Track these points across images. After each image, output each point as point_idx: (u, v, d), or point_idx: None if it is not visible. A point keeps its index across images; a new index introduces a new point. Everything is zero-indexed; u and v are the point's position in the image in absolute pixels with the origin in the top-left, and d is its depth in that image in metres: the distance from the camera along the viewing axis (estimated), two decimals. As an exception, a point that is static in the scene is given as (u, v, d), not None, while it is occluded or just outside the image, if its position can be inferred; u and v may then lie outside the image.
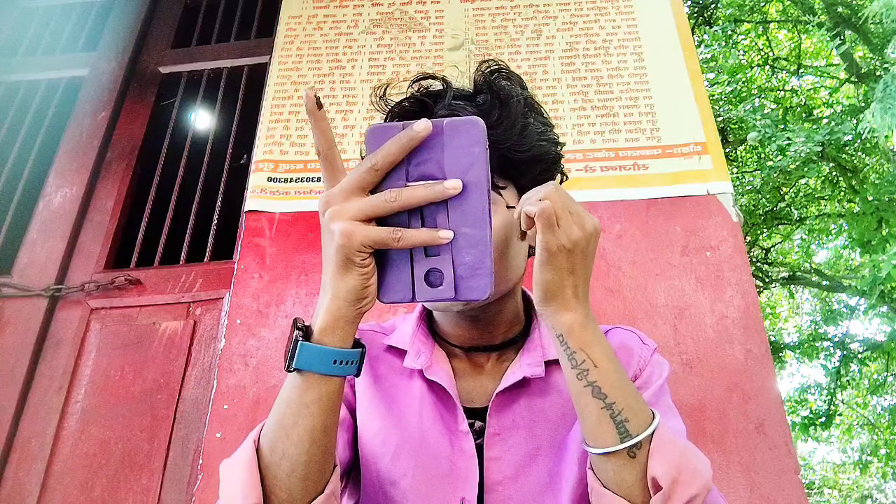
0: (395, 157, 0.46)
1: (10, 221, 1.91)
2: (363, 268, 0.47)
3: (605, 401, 0.55)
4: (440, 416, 0.69)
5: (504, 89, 0.67)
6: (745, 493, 1.23)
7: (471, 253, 0.46)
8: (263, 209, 1.63)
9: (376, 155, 0.46)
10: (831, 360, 7.15)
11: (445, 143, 0.46)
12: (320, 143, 0.50)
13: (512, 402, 0.68)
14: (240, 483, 0.52)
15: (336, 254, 0.46)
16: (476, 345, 0.73)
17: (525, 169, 0.68)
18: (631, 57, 1.77)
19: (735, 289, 1.43)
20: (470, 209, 0.46)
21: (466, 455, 0.67)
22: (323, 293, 0.50)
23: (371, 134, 0.47)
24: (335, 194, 0.48)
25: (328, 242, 0.48)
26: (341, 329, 0.49)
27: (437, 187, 0.45)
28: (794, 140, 4.58)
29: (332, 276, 0.48)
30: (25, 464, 1.50)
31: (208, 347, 1.59)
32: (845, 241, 6.93)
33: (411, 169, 0.46)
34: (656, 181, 1.58)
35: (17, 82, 2.16)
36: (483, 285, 0.46)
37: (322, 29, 1.92)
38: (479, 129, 0.46)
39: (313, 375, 0.50)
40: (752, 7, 6.62)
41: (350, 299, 0.48)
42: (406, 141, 0.45)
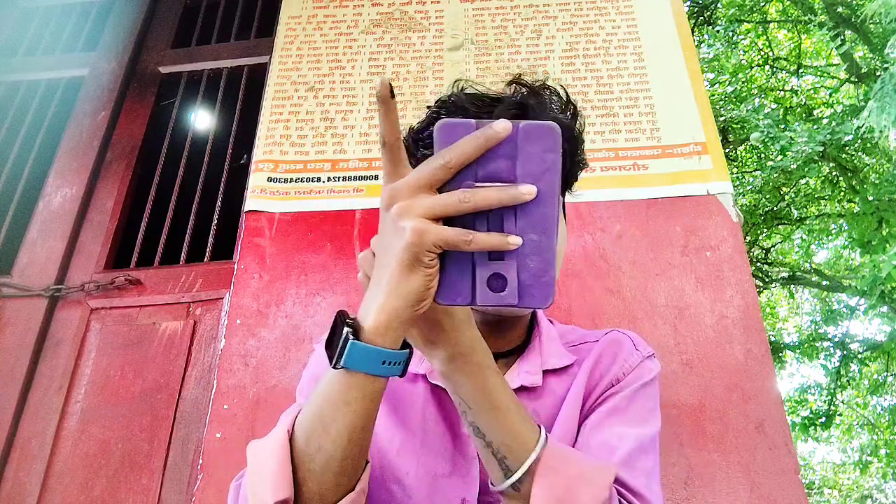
0: (469, 156, 0.43)
1: (10, 221, 1.91)
2: (429, 268, 0.45)
3: (485, 439, 0.55)
4: (443, 419, 0.70)
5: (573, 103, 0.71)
6: (745, 493, 1.23)
7: (536, 260, 0.45)
8: (263, 209, 1.63)
9: (450, 151, 0.43)
10: (831, 360, 7.15)
11: (520, 146, 0.44)
12: (388, 133, 0.47)
13: None
14: (270, 473, 0.51)
15: (404, 252, 0.44)
16: None
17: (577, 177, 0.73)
18: (631, 57, 1.77)
19: (735, 289, 1.43)
20: (539, 216, 0.44)
21: (468, 457, 0.67)
22: (377, 290, 0.47)
23: (442, 129, 0.45)
24: (402, 189, 0.45)
25: (393, 239, 0.45)
26: (394, 330, 0.47)
27: (511, 191, 0.43)
28: (797, 140, 4.58)
29: (394, 275, 0.45)
30: (25, 464, 1.49)
31: (208, 347, 1.59)
32: (845, 241, 6.94)
33: (481, 169, 0.44)
34: (656, 181, 1.58)
35: (17, 82, 2.16)
36: (546, 294, 0.45)
37: (322, 29, 1.92)
38: (556, 136, 0.44)
39: (359, 374, 0.48)
40: (752, 7, 6.62)
41: (410, 300, 0.45)
42: (483, 140, 0.43)
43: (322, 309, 1.50)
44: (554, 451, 0.55)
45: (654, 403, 0.70)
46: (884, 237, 5.05)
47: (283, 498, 0.50)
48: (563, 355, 0.74)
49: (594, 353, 0.74)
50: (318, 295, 1.52)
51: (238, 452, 1.34)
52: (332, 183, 1.66)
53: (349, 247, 1.57)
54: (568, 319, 1.40)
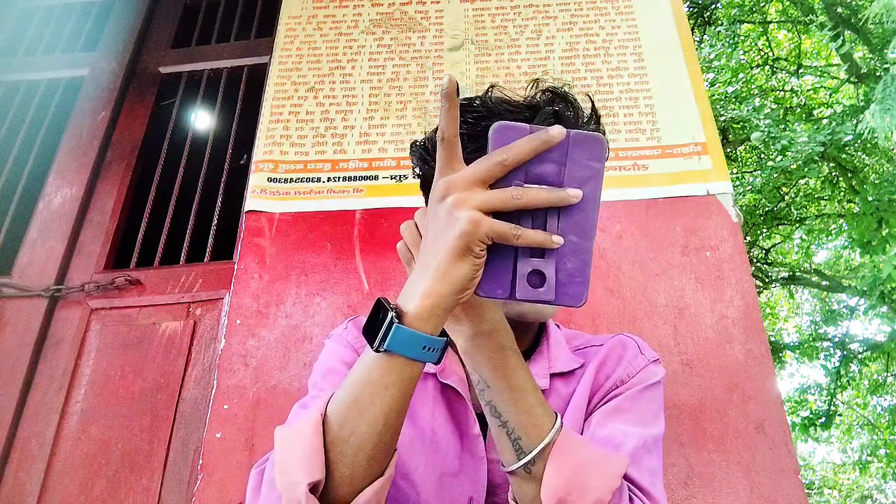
0: (525, 156, 0.46)
1: (10, 221, 1.91)
2: (478, 258, 0.47)
3: (500, 419, 0.56)
4: (452, 418, 0.71)
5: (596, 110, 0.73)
6: (745, 493, 1.23)
7: (574, 261, 0.47)
8: (263, 209, 1.63)
9: (508, 150, 0.46)
10: (831, 360, 7.15)
11: (569, 152, 0.47)
12: (449, 129, 0.49)
13: None
14: (302, 456, 0.52)
15: (457, 240, 0.46)
16: None
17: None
18: (631, 57, 1.77)
19: (735, 289, 1.43)
20: (580, 219, 0.47)
21: (476, 457, 0.68)
22: (422, 278, 0.49)
23: (498, 131, 0.48)
24: (457, 182, 0.47)
25: (447, 227, 0.47)
26: (437, 316, 0.49)
27: (560, 193, 0.46)
28: (797, 140, 4.58)
29: (443, 262, 0.47)
30: (25, 464, 1.49)
31: (208, 348, 1.59)
32: (845, 242, 6.93)
33: (530, 170, 0.47)
34: (656, 181, 1.58)
35: (17, 82, 2.16)
36: (580, 293, 0.48)
37: (322, 29, 1.92)
38: (602, 147, 0.48)
39: (399, 358, 0.50)
40: (752, 7, 6.62)
41: (457, 288, 0.48)
42: (539, 143, 0.46)
43: (322, 309, 1.50)
44: (568, 436, 0.56)
45: (659, 406, 0.71)
46: (884, 237, 5.05)
47: (316, 480, 0.50)
48: (570, 359, 0.75)
49: (599, 355, 0.75)
50: (318, 295, 1.52)
51: (238, 452, 1.34)
52: (332, 183, 1.66)
53: (349, 247, 1.57)
54: (568, 319, 1.40)
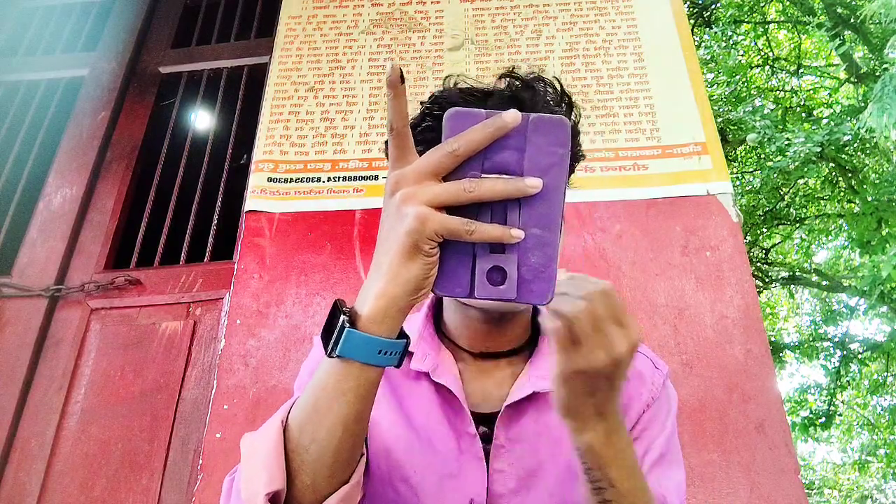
0: (477, 144, 0.43)
1: (10, 221, 1.91)
2: (429, 256, 0.44)
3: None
4: (447, 419, 0.69)
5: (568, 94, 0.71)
6: (745, 493, 1.23)
7: (537, 255, 0.44)
8: (263, 209, 1.63)
9: (458, 140, 0.43)
10: (831, 360, 7.16)
11: (529, 138, 0.43)
12: (397, 119, 0.46)
13: (520, 415, 0.68)
14: (263, 465, 0.50)
15: (405, 238, 0.43)
16: (485, 350, 0.72)
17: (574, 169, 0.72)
18: (631, 57, 1.77)
19: (735, 289, 1.43)
20: (543, 211, 0.44)
21: (475, 457, 0.67)
22: (376, 277, 0.46)
23: (453, 118, 0.44)
24: (408, 175, 0.44)
25: (395, 225, 0.44)
26: (392, 318, 0.46)
27: (517, 183, 0.42)
28: (794, 141, 4.58)
29: (393, 261, 0.44)
30: (25, 464, 1.49)
31: (208, 348, 1.59)
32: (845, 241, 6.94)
33: (487, 159, 0.44)
34: (656, 181, 1.58)
35: (17, 82, 2.16)
36: (545, 290, 0.44)
37: (322, 29, 1.92)
38: (565, 130, 0.44)
39: (355, 363, 0.47)
40: (751, 7, 6.62)
41: (409, 288, 0.45)
42: (493, 130, 0.42)
43: (322, 309, 1.50)
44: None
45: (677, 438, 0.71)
46: (883, 237, 5.05)
47: (276, 489, 0.49)
48: None
49: None
50: (318, 295, 1.52)
51: (238, 452, 1.34)
52: (332, 183, 1.66)
53: (349, 247, 1.57)
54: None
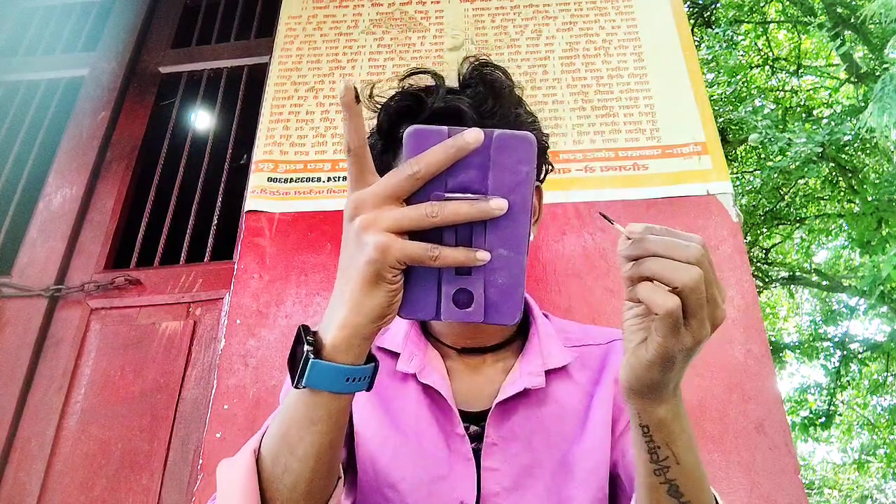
0: (439, 166, 0.41)
1: (10, 221, 1.91)
2: (392, 284, 0.42)
3: (681, 500, 0.51)
4: (436, 420, 0.68)
5: (496, 80, 0.68)
6: (745, 493, 1.23)
7: (504, 276, 0.43)
8: (263, 209, 1.63)
9: (419, 161, 0.41)
10: (831, 360, 7.15)
11: (493, 156, 0.42)
12: (353, 139, 0.45)
13: (511, 412, 0.67)
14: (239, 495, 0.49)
15: (366, 267, 0.42)
16: (471, 346, 0.71)
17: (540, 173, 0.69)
18: (631, 57, 1.77)
19: (735, 289, 1.43)
20: (509, 230, 0.42)
21: (463, 458, 0.66)
22: (338, 305, 0.45)
23: (412, 137, 0.42)
24: (366, 200, 0.43)
25: (355, 253, 0.43)
26: (357, 346, 0.45)
27: (482, 206, 0.41)
28: (795, 141, 4.58)
29: (355, 291, 0.43)
30: (25, 464, 1.49)
31: (208, 347, 1.59)
32: (845, 241, 6.93)
33: (450, 179, 0.42)
34: (656, 181, 1.58)
35: (17, 82, 2.16)
36: (512, 311, 0.43)
37: (322, 29, 1.92)
38: (531, 148, 0.42)
39: (323, 393, 0.46)
40: (751, 7, 6.62)
41: (372, 317, 0.43)
42: (454, 151, 0.41)
43: (322, 309, 1.49)
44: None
45: None
46: (883, 237, 5.05)
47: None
48: (563, 354, 0.73)
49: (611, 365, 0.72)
50: (318, 295, 1.52)
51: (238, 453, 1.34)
52: (332, 183, 1.66)
53: (349, 247, 1.57)
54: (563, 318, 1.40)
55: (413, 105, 0.67)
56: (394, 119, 0.68)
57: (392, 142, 0.69)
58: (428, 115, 0.65)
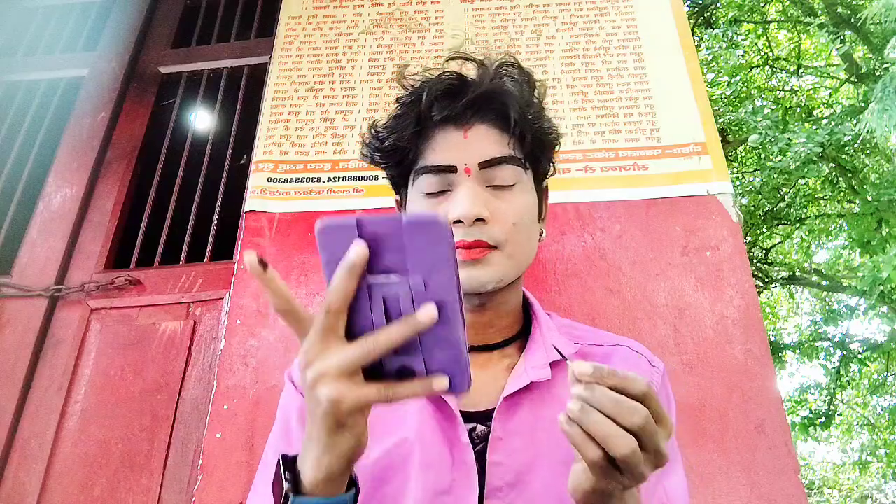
0: (347, 292, 0.43)
1: (10, 221, 1.91)
2: (355, 428, 0.45)
3: None
4: (440, 428, 0.67)
5: (531, 73, 0.70)
6: (745, 492, 1.23)
7: (443, 352, 0.44)
8: (263, 209, 1.63)
9: (329, 297, 0.43)
10: (831, 360, 7.16)
11: (406, 242, 0.43)
12: (276, 303, 0.47)
13: (517, 406, 0.67)
14: None
15: (325, 419, 0.44)
16: (476, 343, 0.71)
17: (546, 152, 0.70)
18: (631, 57, 1.77)
19: (735, 289, 1.43)
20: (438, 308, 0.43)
21: (467, 466, 0.65)
22: (310, 446, 0.46)
23: (322, 234, 0.44)
24: (310, 350, 0.44)
25: (313, 406, 0.44)
26: (334, 481, 0.46)
27: (412, 323, 0.42)
28: (795, 141, 4.58)
29: (322, 437, 0.45)
30: (25, 464, 1.49)
31: (208, 347, 1.59)
32: (845, 242, 6.93)
33: (375, 265, 0.43)
34: (656, 181, 1.58)
35: (17, 82, 2.16)
36: (460, 382, 0.44)
37: (322, 29, 1.92)
38: (441, 229, 0.43)
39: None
40: (752, 7, 6.62)
41: (343, 458, 0.45)
42: (348, 274, 0.42)
43: (322, 309, 1.49)
44: None
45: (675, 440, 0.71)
46: (883, 237, 5.05)
47: None
48: (566, 345, 0.73)
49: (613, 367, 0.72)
50: (319, 295, 1.52)
51: (238, 452, 1.34)
52: (332, 183, 1.66)
53: (349, 247, 1.57)
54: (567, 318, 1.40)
55: (458, 85, 0.68)
56: (437, 97, 0.68)
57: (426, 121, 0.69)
58: (473, 97, 0.66)
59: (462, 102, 0.66)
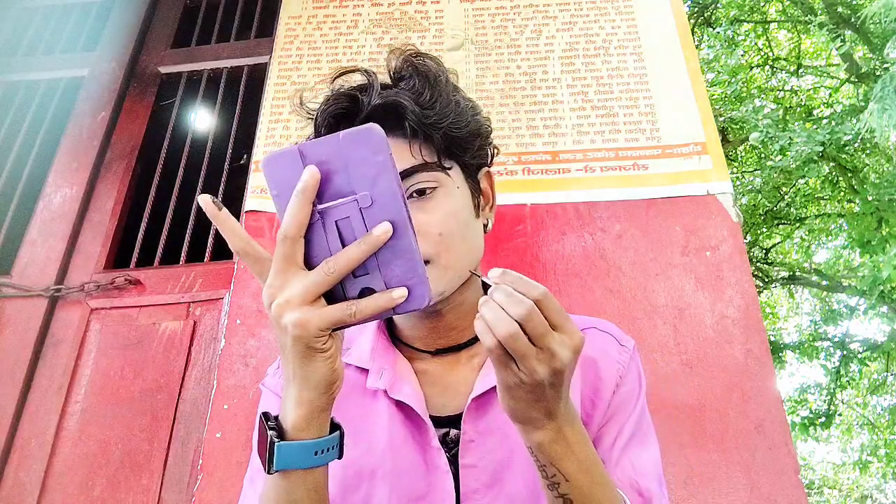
0: (301, 217, 0.45)
1: (10, 221, 1.91)
2: (326, 351, 0.46)
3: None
4: (410, 435, 0.66)
5: (430, 69, 0.67)
6: (745, 493, 1.23)
7: (399, 264, 0.45)
8: (263, 209, 1.63)
9: (285, 224, 0.45)
10: (831, 360, 7.15)
11: (347, 157, 0.44)
12: (234, 242, 0.48)
13: (487, 405, 0.66)
14: None
15: (294, 345, 0.45)
16: (444, 346, 0.70)
17: (467, 145, 0.67)
18: (631, 57, 1.77)
19: (735, 289, 1.43)
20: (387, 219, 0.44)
21: (441, 471, 0.64)
22: (289, 386, 0.48)
23: (268, 166, 0.46)
24: (272, 283, 0.46)
25: (282, 336, 0.46)
26: (317, 419, 0.47)
27: (369, 241, 0.44)
28: (796, 140, 4.58)
29: (296, 368, 0.46)
30: (25, 464, 1.49)
31: (208, 347, 1.59)
32: (845, 242, 6.93)
33: (322, 191, 0.45)
34: (656, 181, 1.58)
35: (17, 82, 2.16)
36: (420, 294, 0.45)
37: (322, 29, 1.92)
38: (378, 137, 0.44)
39: (297, 472, 0.48)
40: (752, 7, 6.62)
41: (321, 388, 0.46)
42: (303, 198, 0.44)
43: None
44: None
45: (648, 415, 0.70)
46: (883, 237, 5.05)
47: None
48: None
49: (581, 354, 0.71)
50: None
51: (238, 452, 1.34)
52: (332, 183, 1.66)
53: (349, 247, 1.57)
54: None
55: (350, 106, 0.65)
56: (331, 123, 0.66)
57: None
58: (367, 114, 0.63)
59: (357, 122, 0.63)
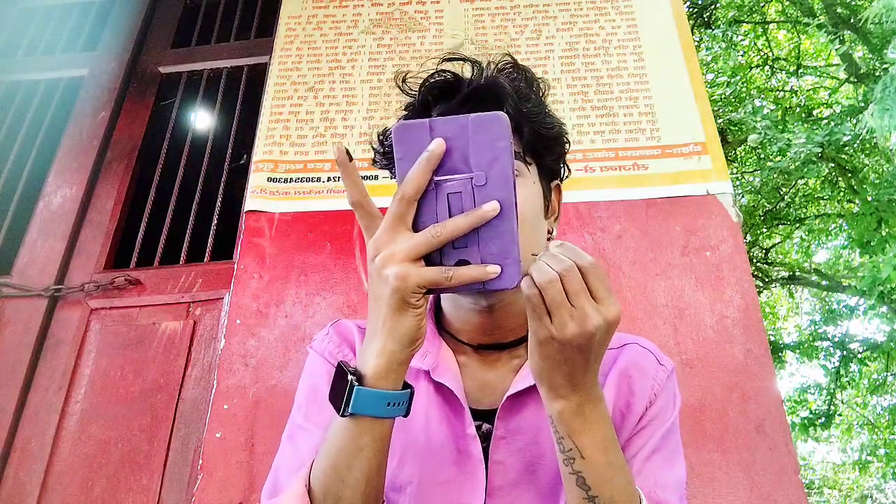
0: (421, 182, 0.48)
1: (10, 221, 1.91)
2: (417, 308, 0.49)
3: (589, 493, 0.54)
4: (447, 419, 0.67)
5: (529, 70, 0.71)
6: (745, 492, 1.23)
7: (497, 243, 0.48)
8: (263, 209, 1.63)
9: (405, 186, 0.48)
10: (831, 360, 7.16)
11: (470, 138, 0.48)
12: (353, 193, 0.52)
13: (521, 406, 0.67)
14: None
15: (392, 296, 0.48)
16: (487, 342, 0.71)
17: (550, 147, 0.69)
18: (631, 57, 1.77)
19: (735, 289, 1.44)
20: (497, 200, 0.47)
21: (474, 460, 0.65)
22: (373, 336, 0.50)
23: (399, 133, 0.49)
24: (380, 238, 0.49)
25: (380, 287, 0.49)
26: (395, 371, 0.50)
27: (477, 213, 0.47)
28: (795, 141, 4.59)
29: (387, 319, 0.49)
30: (25, 464, 1.49)
31: (208, 347, 1.59)
32: (845, 242, 6.94)
33: (441, 166, 0.48)
34: (656, 181, 1.58)
35: (17, 82, 2.16)
36: (511, 274, 0.48)
37: (322, 29, 1.92)
38: (503, 125, 0.47)
39: (367, 419, 0.51)
40: (751, 8, 6.62)
41: (405, 341, 0.50)
42: (426, 164, 0.47)
43: (322, 309, 1.50)
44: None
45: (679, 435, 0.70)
46: (883, 237, 5.05)
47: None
48: None
49: (618, 366, 0.70)
50: (318, 295, 1.52)
51: (238, 452, 1.34)
52: (332, 183, 1.66)
53: (349, 247, 1.57)
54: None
55: (453, 82, 0.68)
56: (432, 97, 0.69)
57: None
58: (468, 94, 0.66)
59: (456, 100, 0.66)
